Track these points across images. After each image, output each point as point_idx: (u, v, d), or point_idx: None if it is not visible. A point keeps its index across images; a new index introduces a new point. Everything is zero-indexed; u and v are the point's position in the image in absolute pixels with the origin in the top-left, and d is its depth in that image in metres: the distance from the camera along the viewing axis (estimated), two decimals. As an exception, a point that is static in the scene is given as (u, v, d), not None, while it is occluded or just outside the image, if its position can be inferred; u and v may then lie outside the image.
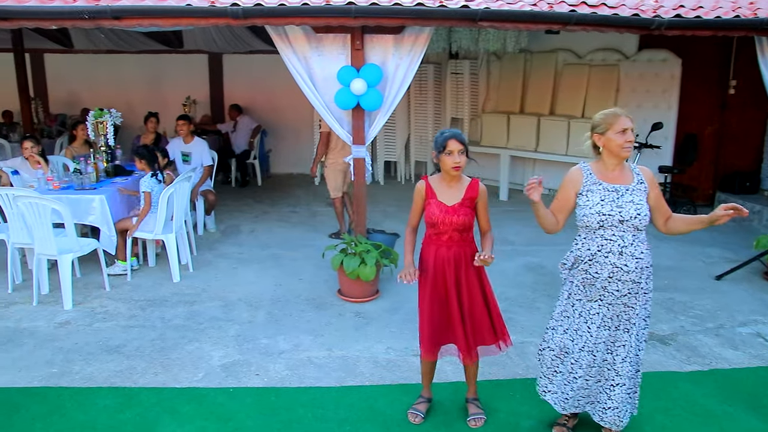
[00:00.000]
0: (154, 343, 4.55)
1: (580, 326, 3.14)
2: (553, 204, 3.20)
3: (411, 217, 3.51)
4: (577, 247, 3.13)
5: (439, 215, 3.29)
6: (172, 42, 10.09)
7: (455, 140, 3.22)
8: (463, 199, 3.30)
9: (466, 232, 3.34)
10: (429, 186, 3.38)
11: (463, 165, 3.27)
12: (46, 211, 4.92)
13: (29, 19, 4.81)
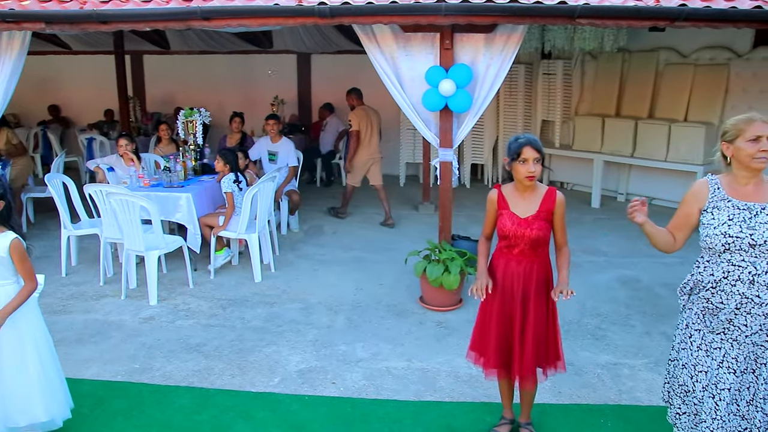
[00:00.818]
0: (233, 344, 4.53)
1: (699, 361, 2.69)
2: (673, 221, 2.81)
3: (485, 226, 3.28)
4: (698, 271, 2.70)
5: (511, 228, 3.05)
6: (262, 42, 10.24)
7: (531, 147, 2.96)
8: (538, 211, 3.05)
9: (540, 247, 3.09)
10: (501, 195, 3.14)
11: (538, 175, 3.00)
12: (135, 208, 5.02)
13: (125, 21, 4.92)
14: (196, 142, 6.61)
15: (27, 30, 5.23)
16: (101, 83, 11.56)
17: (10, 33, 5.49)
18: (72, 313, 5.08)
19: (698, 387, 2.68)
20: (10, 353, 3.04)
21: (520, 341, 3.11)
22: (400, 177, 10.35)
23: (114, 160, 6.49)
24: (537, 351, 3.12)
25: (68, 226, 5.87)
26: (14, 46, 5.57)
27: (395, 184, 10.32)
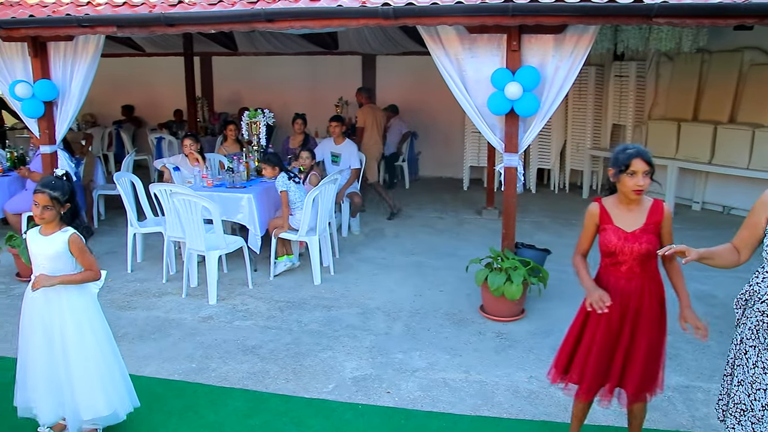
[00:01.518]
0: (289, 347, 4.50)
1: (757, 378, 2.51)
2: (740, 232, 2.63)
3: (580, 242, 3.08)
4: (756, 282, 2.53)
5: (617, 243, 2.85)
6: (328, 44, 10.26)
7: (641, 159, 2.75)
8: (645, 224, 2.84)
9: (649, 262, 2.88)
10: (604, 209, 2.94)
11: (646, 188, 2.79)
12: (198, 209, 5.07)
13: (191, 24, 4.99)
14: (259, 143, 6.65)
15: (100, 34, 5.38)
16: (172, 84, 11.87)
17: (86, 37, 5.67)
18: (135, 309, 5.18)
19: (757, 406, 2.49)
20: (71, 347, 3.10)
21: (626, 364, 2.91)
22: (464, 181, 10.18)
23: (179, 160, 6.60)
24: (645, 374, 2.91)
25: (134, 224, 6.00)
26: (89, 49, 5.75)
27: (458, 187, 10.17)
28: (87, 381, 3.14)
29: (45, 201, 2.99)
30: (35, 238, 3.11)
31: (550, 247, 5.62)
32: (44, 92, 5.76)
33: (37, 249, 3.09)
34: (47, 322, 3.09)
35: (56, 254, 3.05)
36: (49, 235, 3.08)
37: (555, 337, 4.63)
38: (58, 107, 5.98)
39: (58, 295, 3.09)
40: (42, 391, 3.15)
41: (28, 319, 3.15)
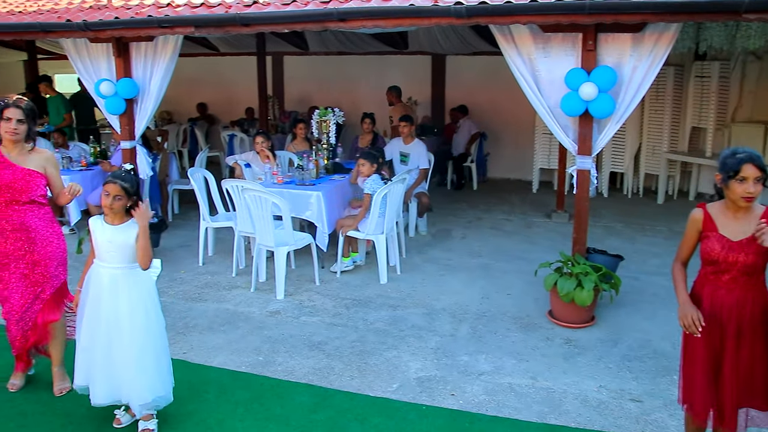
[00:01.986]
0: (354, 345, 4.52)
1: None
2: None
3: (680, 250, 2.94)
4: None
5: (720, 252, 2.70)
6: (397, 43, 10.27)
7: (752, 165, 2.59)
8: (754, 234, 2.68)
9: (756, 274, 2.72)
10: (708, 216, 2.79)
11: (757, 195, 2.63)
12: (268, 205, 5.16)
13: (265, 24, 5.08)
14: (329, 141, 6.71)
15: (179, 34, 5.55)
16: (244, 83, 12.18)
17: (165, 37, 5.86)
18: (206, 301, 5.32)
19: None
20: (129, 331, 3.21)
21: (732, 379, 2.75)
22: (533, 183, 10.00)
23: (251, 157, 6.75)
24: (755, 388, 2.76)
25: (207, 219, 6.16)
26: (168, 49, 5.95)
27: (528, 189, 10.00)
28: (141, 365, 3.24)
29: (116, 191, 3.12)
30: (101, 226, 3.23)
31: (623, 253, 5.44)
32: (126, 90, 5.99)
33: (104, 237, 3.21)
34: (110, 305, 3.21)
35: (125, 242, 3.18)
36: (118, 225, 3.20)
37: (625, 345, 4.49)
38: (138, 104, 6.22)
39: (123, 281, 3.21)
40: (98, 371, 3.27)
41: (91, 303, 3.27)
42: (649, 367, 4.16)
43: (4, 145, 3.61)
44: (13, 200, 3.56)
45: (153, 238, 6.28)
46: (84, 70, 6.33)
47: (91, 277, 3.29)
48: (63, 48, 6.37)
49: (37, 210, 3.65)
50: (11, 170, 3.55)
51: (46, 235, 3.68)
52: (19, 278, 3.66)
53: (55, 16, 5.93)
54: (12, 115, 3.51)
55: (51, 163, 3.72)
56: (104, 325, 3.22)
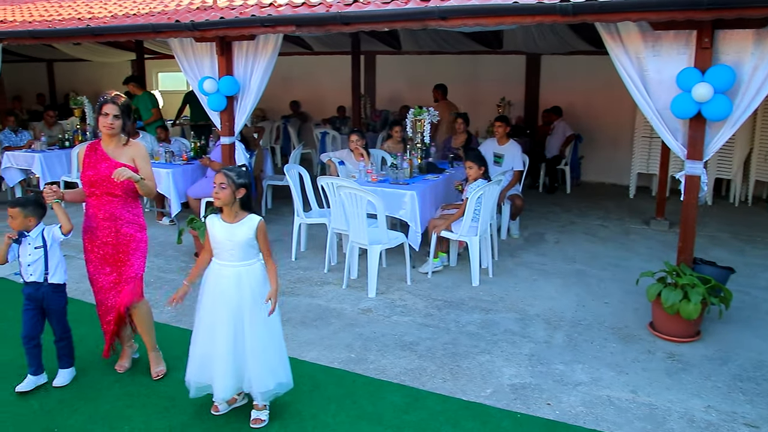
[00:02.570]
0: (446, 347, 4.46)
1: None
2: None
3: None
4: None
5: None
6: (491, 43, 10.11)
7: None
8: None
9: None
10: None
11: None
12: (363, 203, 5.18)
13: (365, 22, 5.10)
14: (423, 141, 6.68)
15: (280, 33, 5.66)
16: (336, 81, 12.35)
17: (266, 36, 6.00)
18: (298, 296, 5.40)
19: None
20: (253, 324, 3.28)
21: None
22: (630, 187, 9.59)
23: (345, 155, 6.81)
24: None
25: (301, 214, 6.27)
26: (268, 48, 6.09)
27: (623, 194, 9.62)
28: (266, 354, 3.32)
29: (221, 179, 3.20)
30: (217, 223, 3.31)
31: (731, 266, 5.11)
32: (228, 87, 6.18)
33: (222, 235, 3.28)
34: (234, 300, 3.29)
35: (245, 240, 3.24)
36: (235, 222, 3.26)
37: (736, 365, 4.21)
38: (238, 102, 6.40)
39: (247, 276, 3.28)
40: (222, 366, 3.34)
41: (212, 297, 3.35)
42: (765, 390, 3.88)
43: (103, 139, 3.83)
44: (108, 192, 3.77)
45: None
46: (189, 68, 6.57)
47: (209, 277, 3.38)
48: (170, 47, 6.64)
49: (127, 202, 3.84)
50: (107, 163, 3.75)
51: (131, 226, 3.86)
52: (105, 263, 3.88)
53: (165, 17, 6.19)
54: (109, 111, 3.71)
55: (140, 155, 3.88)
56: (229, 322, 3.29)
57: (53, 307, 3.79)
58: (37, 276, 3.72)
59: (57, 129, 9.91)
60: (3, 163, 8.70)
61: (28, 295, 3.76)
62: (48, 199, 3.65)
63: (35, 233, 3.72)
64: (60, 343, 3.85)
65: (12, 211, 3.66)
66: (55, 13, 7.78)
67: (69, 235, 3.78)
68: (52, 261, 3.74)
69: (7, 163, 8.62)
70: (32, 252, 3.70)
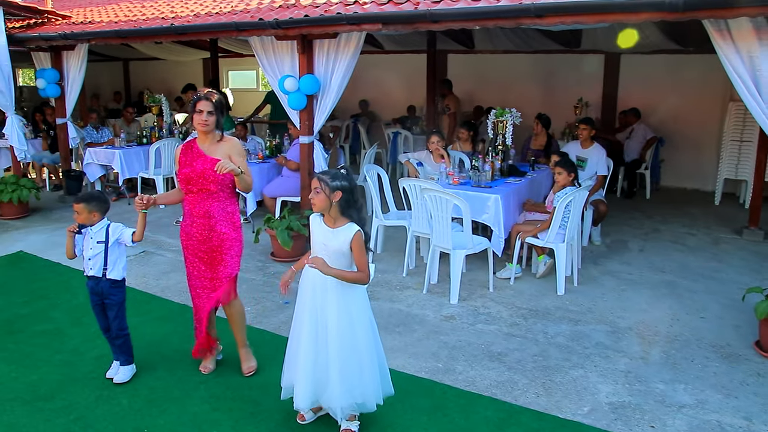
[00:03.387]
0: (536, 359, 4.27)
1: None
2: None
3: None
4: None
5: None
6: (569, 41, 9.79)
7: None
8: None
9: None
10: None
11: None
12: (449, 206, 5.03)
13: (455, 20, 4.93)
14: (504, 143, 6.48)
15: (365, 31, 5.56)
16: (406, 80, 12.23)
17: (348, 34, 5.91)
18: (378, 300, 5.29)
19: None
20: (336, 335, 3.16)
21: None
22: (716, 194, 9.12)
23: (424, 156, 6.67)
24: None
25: (379, 216, 6.16)
26: (350, 46, 6.00)
27: (708, 201, 9.17)
28: (346, 370, 3.18)
29: (315, 184, 3.12)
30: (320, 225, 3.21)
31: None
32: (308, 86, 6.12)
33: (320, 237, 3.19)
34: (317, 308, 3.19)
35: (339, 248, 3.12)
36: (335, 228, 3.15)
37: None
38: (318, 101, 6.34)
39: (332, 284, 3.16)
40: (302, 374, 3.25)
41: (301, 299, 3.27)
42: None
43: (198, 137, 3.82)
44: (203, 189, 3.73)
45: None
46: (269, 67, 6.55)
47: (303, 277, 3.30)
48: (250, 46, 6.63)
49: (222, 199, 3.80)
50: (202, 160, 3.72)
51: (226, 224, 3.82)
52: (199, 260, 3.86)
53: (247, 15, 6.18)
54: (203, 108, 3.68)
55: (235, 150, 3.83)
56: (311, 329, 3.20)
57: (110, 302, 3.83)
58: (96, 270, 3.77)
59: (135, 126, 10.14)
60: (85, 158, 8.94)
61: (91, 288, 3.84)
62: (138, 209, 3.68)
63: (97, 228, 3.77)
64: (117, 340, 3.89)
65: (77, 207, 3.73)
66: (138, 13, 7.92)
67: (136, 244, 3.85)
68: (111, 257, 3.78)
69: (89, 159, 8.84)
70: (93, 246, 3.75)
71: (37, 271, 6.11)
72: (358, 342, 3.20)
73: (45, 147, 9.83)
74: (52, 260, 6.37)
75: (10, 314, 5.00)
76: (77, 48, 8.34)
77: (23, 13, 8.29)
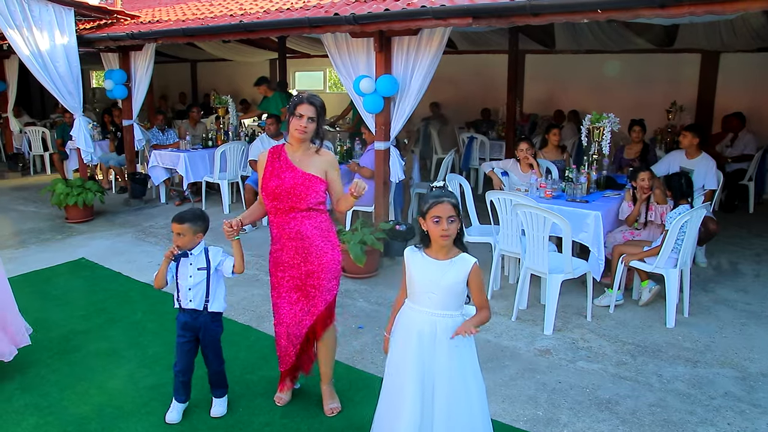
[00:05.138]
0: (654, 410, 3.62)
1: None
2: None
3: None
4: None
5: None
6: (661, 39, 8.99)
7: None
8: None
9: None
10: None
11: None
12: (547, 225, 4.42)
13: (562, 13, 4.32)
14: (600, 151, 5.80)
15: (452, 26, 5.02)
16: (479, 82, 11.61)
17: (431, 31, 5.38)
18: (461, 327, 4.73)
19: None
20: (457, 392, 2.64)
21: None
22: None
23: (510, 165, 6.07)
24: None
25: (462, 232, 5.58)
26: (433, 44, 5.48)
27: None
28: (467, 423, 2.66)
29: (451, 212, 2.56)
30: (419, 259, 2.67)
31: None
32: (386, 87, 5.63)
33: (423, 274, 2.64)
34: (424, 358, 2.64)
35: (453, 284, 2.59)
36: (447, 260, 2.62)
37: None
38: (395, 103, 5.84)
39: (442, 329, 2.62)
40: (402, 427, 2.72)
41: (400, 347, 2.74)
42: None
43: (290, 143, 3.30)
44: (293, 207, 3.23)
45: (399, 247, 5.92)
46: (342, 67, 6.08)
47: (400, 321, 2.78)
48: (323, 44, 6.18)
49: (315, 218, 3.30)
50: (292, 173, 3.23)
51: (321, 245, 3.32)
52: (291, 289, 3.37)
53: (321, 11, 5.73)
54: (304, 112, 3.17)
55: (333, 166, 3.35)
56: (416, 382, 2.64)
57: (210, 339, 3.34)
58: (197, 303, 3.27)
59: (200, 128, 9.89)
60: (150, 161, 8.71)
61: (183, 323, 3.32)
62: (229, 237, 3.19)
63: (198, 251, 3.28)
64: (216, 376, 3.40)
65: (181, 227, 3.20)
66: (207, 12, 7.61)
67: (235, 275, 3.34)
68: (212, 285, 3.29)
69: (154, 162, 8.61)
70: (194, 273, 3.26)
71: (98, 281, 5.83)
72: (471, 397, 2.67)
73: (113, 149, 9.68)
74: (114, 269, 6.10)
75: (67, 330, 4.70)
76: (144, 48, 8.12)
77: (93, 14, 8.12)
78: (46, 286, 5.65)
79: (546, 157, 6.84)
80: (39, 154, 11.43)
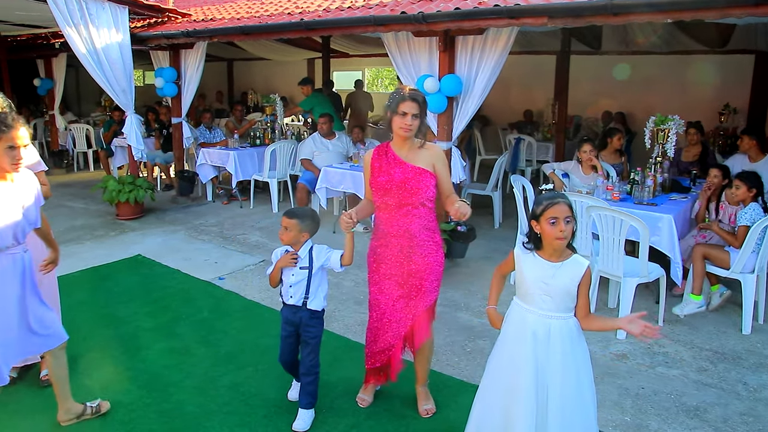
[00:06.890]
0: (745, 419, 3.54)
1: None
2: None
3: None
4: None
5: None
6: (712, 41, 8.84)
7: None
8: None
9: None
10: None
11: None
12: (623, 228, 4.35)
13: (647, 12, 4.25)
14: (665, 155, 5.70)
15: (526, 25, 4.97)
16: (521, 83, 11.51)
17: (497, 30, 5.33)
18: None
19: None
20: (571, 395, 2.59)
21: None
22: None
23: (571, 167, 5.99)
24: None
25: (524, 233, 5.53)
26: (499, 43, 5.43)
27: None
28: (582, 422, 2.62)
29: (567, 212, 2.51)
30: (531, 260, 2.63)
31: None
32: (450, 87, 5.59)
33: (536, 275, 2.60)
34: (540, 360, 2.60)
35: (565, 286, 2.55)
36: (560, 262, 2.57)
37: None
38: (458, 103, 5.79)
39: (559, 332, 2.59)
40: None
41: (510, 349, 2.70)
42: None
43: (394, 141, 3.27)
44: (402, 203, 3.20)
45: (460, 248, 5.86)
46: (403, 66, 6.05)
47: (509, 321, 2.74)
48: (384, 43, 6.15)
49: (424, 216, 3.25)
50: (402, 168, 3.20)
51: (427, 244, 3.27)
52: (392, 287, 3.33)
53: (386, 9, 5.70)
54: (408, 110, 3.13)
55: (441, 160, 3.30)
56: (529, 387, 2.60)
57: (308, 336, 3.32)
58: (296, 299, 3.28)
59: (243, 125, 9.92)
60: (198, 159, 8.75)
61: (285, 317, 3.35)
62: (345, 228, 3.16)
63: (303, 251, 3.28)
64: (307, 378, 3.36)
65: (289, 222, 3.22)
66: (261, 9, 7.62)
67: (344, 268, 3.33)
68: (313, 284, 3.28)
69: (202, 160, 8.65)
70: (296, 272, 3.26)
71: (157, 278, 5.84)
72: (585, 400, 2.62)
73: (158, 146, 9.74)
74: (170, 266, 6.11)
75: (134, 327, 4.70)
76: (195, 46, 8.16)
77: (146, 12, 8.17)
78: (107, 283, 5.68)
79: (605, 161, 6.75)
80: (82, 151, 11.56)
